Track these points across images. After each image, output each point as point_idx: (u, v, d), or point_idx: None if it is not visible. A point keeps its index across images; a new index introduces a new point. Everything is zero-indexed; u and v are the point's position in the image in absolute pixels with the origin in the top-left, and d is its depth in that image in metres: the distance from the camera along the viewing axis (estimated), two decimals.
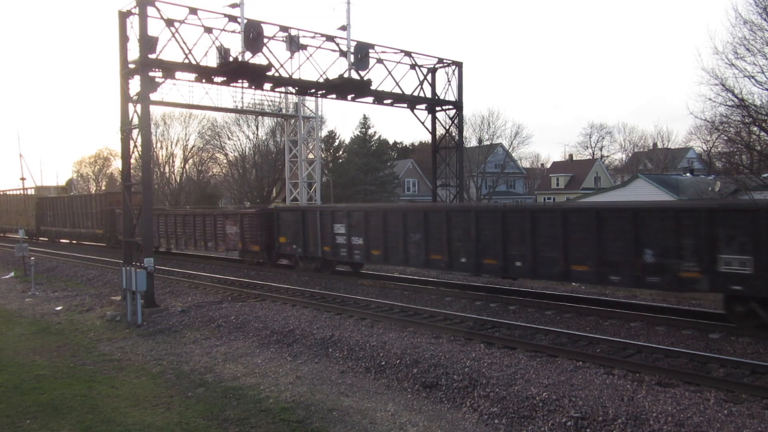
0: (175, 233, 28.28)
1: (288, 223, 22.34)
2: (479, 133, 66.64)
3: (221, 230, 25.27)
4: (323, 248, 20.76)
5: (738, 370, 9.74)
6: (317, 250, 21.07)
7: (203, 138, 67.65)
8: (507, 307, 15.41)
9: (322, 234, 20.73)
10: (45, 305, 18.98)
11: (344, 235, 19.90)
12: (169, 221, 28.70)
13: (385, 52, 22.98)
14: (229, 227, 24.84)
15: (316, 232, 20.96)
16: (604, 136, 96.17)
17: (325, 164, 60.53)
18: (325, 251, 20.73)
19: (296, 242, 21.92)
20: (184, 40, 18.13)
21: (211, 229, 25.91)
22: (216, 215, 25.87)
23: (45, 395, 10.15)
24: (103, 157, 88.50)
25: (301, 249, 21.75)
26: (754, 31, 21.80)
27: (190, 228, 27.13)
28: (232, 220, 24.65)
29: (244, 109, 35.83)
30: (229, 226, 24.80)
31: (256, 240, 23.58)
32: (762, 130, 23.80)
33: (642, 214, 13.15)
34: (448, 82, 25.23)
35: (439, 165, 27.21)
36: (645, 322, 13.20)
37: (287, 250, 22.58)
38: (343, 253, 20.11)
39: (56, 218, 40.88)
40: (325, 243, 20.65)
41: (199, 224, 26.65)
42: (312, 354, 12.13)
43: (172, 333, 14.67)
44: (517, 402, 8.87)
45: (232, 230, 24.63)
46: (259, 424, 8.73)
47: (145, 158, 17.63)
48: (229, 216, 25.14)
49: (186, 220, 27.54)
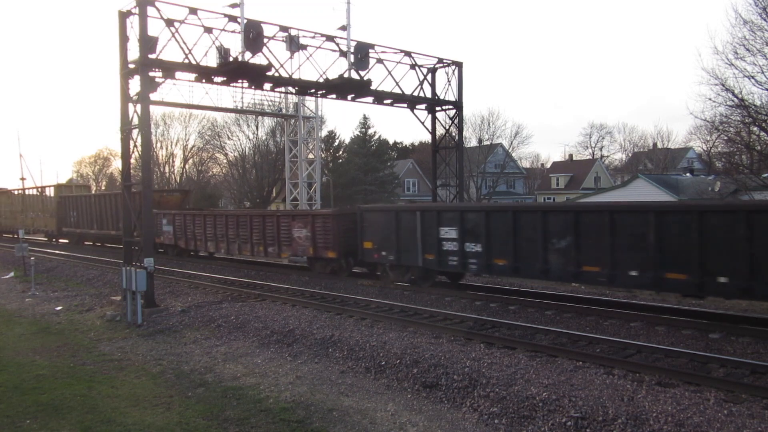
0: (226, 236, 25.14)
1: (376, 226, 19.16)
2: (479, 133, 66.73)
3: (286, 233, 22.21)
4: (424, 256, 17.53)
5: (738, 370, 9.74)
6: (415, 258, 17.83)
7: (203, 138, 67.81)
8: (507, 307, 15.41)
9: (423, 239, 17.53)
10: (45, 305, 18.98)
11: (455, 241, 16.68)
12: (218, 223, 25.69)
13: (385, 52, 22.97)
14: (296, 230, 21.78)
15: (414, 236, 17.75)
16: (604, 136, 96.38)
17: (325, 164, 60.54)
18: (427, 260, 17.50)
19: (386, 248, 18.75)
20: (184, 40, 18.13)
21: (272, 232, 22.82)
22: (280, 216, 22.95)
23: (45, 395, 10.15)
24: (103, 157, 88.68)
25: (393, 256, 18.49)
26: (754, 31, 21.87)
27: (245, 231, 24.08)
28: (301, 222, 21.59)
29: (244, 109, 35.84)
30: (297, 229, 21.74)
31: (332, 245, 20.47)
32: (762, 130, 23.85)
33: None
34: (448, 82, 25.22)
35: (439, 165, 27.20)
36: (645, 322, 13.20)
37: (373, 257, 19.33)
38: (452, 262, 16.84)
39: (81, 219, 37.02)
40: (427, 250, 17.44)
41: (257, 226, 23.52)
42: (312, 354, 12.13)
43: (172, 333, 14.67)
44: (517, 402, 8.87)
45: (301, 234, 21.56)
46: (259, 424, 8.73)
47: (145, 158, 17.63)
48: (298, 217, 22.10)
49: (240, 221, 24.46)
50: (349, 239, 20.16)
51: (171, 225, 28.54)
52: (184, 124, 67.35)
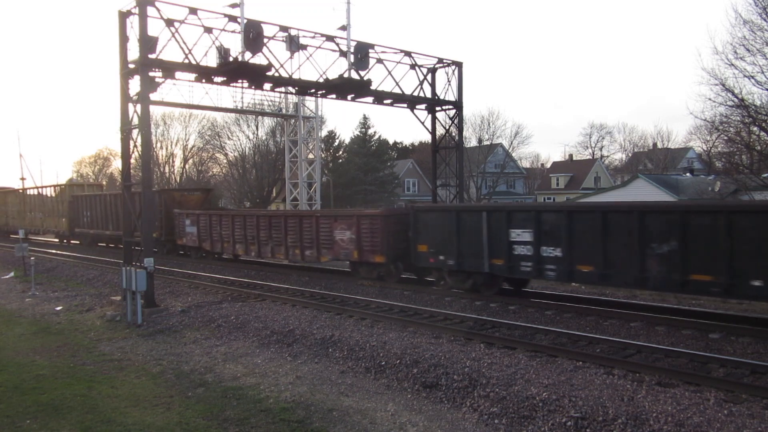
0: (257, 238, 23.52)
1: (433, 228, 17.53)
2: (479, 133, 66.76)
3: (327, 235, 20.57)
4: (491, 261, 15.97)
5: (738, 370, 9.74)
6: (480, 263, 16.22)
7: (203, 138, 67.86)
8: (507, 307, 15.41)
9: (490, 242, 15.96)
10: (45, 305, 18.98)
11: (528, 245, 15.12)
12: (248, 224, 24.00)
13: (385, 52, 22.98)
14: (339, 232, 20.13)
15: (479, 239, 16.16)
16: (604, 136, 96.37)
17: (325, 164, 60.57)
18: (495, 265, 15.93)
19: (445, 252, 17.09)
20: (184, 40, 18.13)
21: (310, 233, 21.19)
22: (319, 217, 21.16)
23: (45, 395, 10.15)
24: (103, 157, 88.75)
25: (453, 261, 16.86)
26: (753, 31, 21.86)
27: (279, 232, 22.50)
28: (345, 223, 19.91)
29: (244, 109, 35.89)
30: (340, 231, 20.08)
31: (380, 249, 18.80)
32: (762, 130, 23.84)
33: None
34: (448, 82, 25.23)
35: (439, 165, 27.20)
36: (645, 322, 13.20)
37: (429, 262, 17.69)
38: (525, 267, 15.29)
39: (94, 219, 35.00)
40: (494, 254, 15.88)
41: (293, 228, 21.93)
42: (312, 354, 12.13)
43: (172, 333, 14.67)
44: (517, 402, 8.87)
45: (345, 236, 19.89)
46: (259, 424, 8.73)
47: (145, 158, 17.63)
48: (341, 218, 20.36)
49: (274, 222, 22.91)
50: (398, 242, 18.59)
51: (195, 226, 26.90)
52: (184, 124, 67.41)
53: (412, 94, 24.28)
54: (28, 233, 45.27)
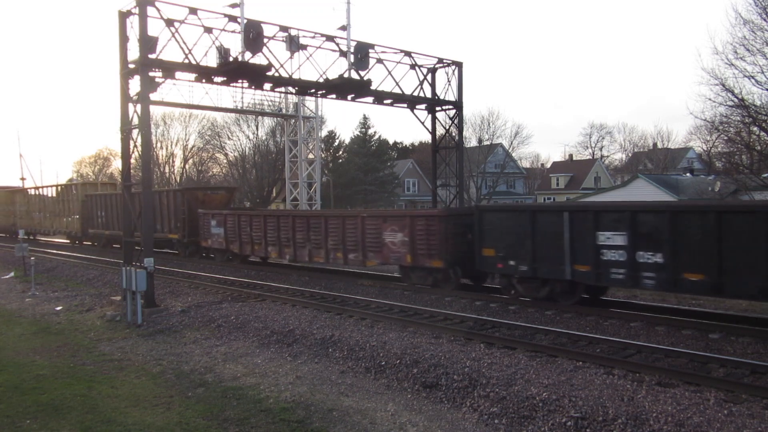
0: (292, 240, 21.95)
1: (502, 229, 15.89)
2: (479, 133, 66.82)
3: (374, 238, 18.98)
4: (573, 267, 14.37)
5: (738, 370, 9.74)
6: (560, 270, 14.63)
7: (203, 138, 67.95)
8: (507, 307, 15.41)
9: (572, 246, 14.39)
10: (45, 305, 18.98)
11: (621, 249, 13.50)
12: (282, 225, 22.49)
13: (385, 52, 22.98)
14: (389, 234, 18.46)
15: (559, 243, 14.61)
16: (604, 136, 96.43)
17: (325, 164, 60.59)
18: (579, 272, 14.32)
19: (516, 257, 15.52)
20: (184, 40, 18.14)
21: (355, 235, 19.64)
22: (366, 218, 19.49)
23: (45, 395, 10.15)
24: (103, 157, 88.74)
25: (526, 266, 15.32)
26: (754, 31, 21.88)
27: (318, 234, 20.96)
28: (396, 225, 18.27)
29: (244, 109, 35.90)
30: (390, 233, 18.41)
31: (438, 252, 17.18)
32: (762, 130, 23.87)
33: None
34: (448, 82, 25.23)
35: (439, 165, 27.20)
36: (645, 322, 13.20)
37: (496, 267, 16.08)
38: (616, 275, 13.64)
39: (110, 219, 33.36)
40: (577, 259, 14.33)
41: (334, 229, 20.38)
42: (312, 354, 12.13)
43: (172, 333, 14.67)
44: (517, 402, 8.87)
45: (396, 238, 18.26)
46: (259, 424, 8.73)
47: (145, 158, 17.64)
48: (391, 219, 18.70)
49: (312, 223, 21.32)
50: (458, 245, 17.00)
51: (221, 227, 25.22)
52: (184, 124, 67.49)
53: (412, 94, 24.28)
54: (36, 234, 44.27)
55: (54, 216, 40.87)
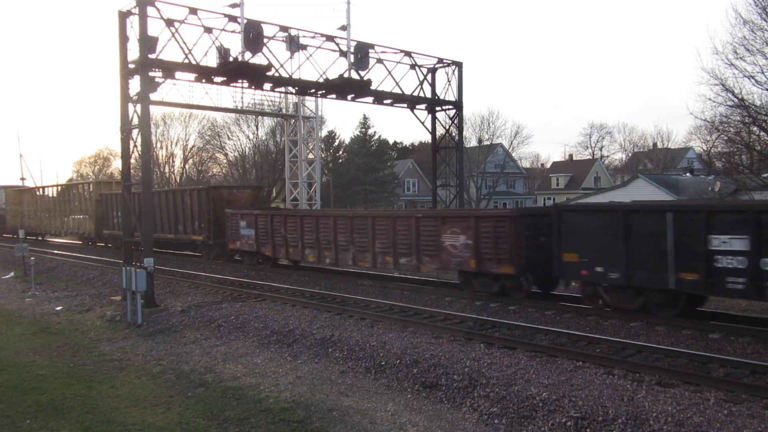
0: (334, 243, 20.38)
1: (587, 232, 14.20)
2: (479, 133, 66.90)
3: (430, 240, 17.33)
4: (678, 275, 12.67)
5: (738, 370, 9.73)
6: (662, 278, 12.93)
7: (203, 138, 67.98)
8: (507, 307, 15.40)
9: (677, 251, 12.69)
10: (45, 305, 18.98)
11: (740, 255, 11.84)
12: (322, 226, 20.90)
13: (385, 52, 22.99)
14: (448, 236, 16.79)
15: (661, 247, 12.92)
16: (604, 136, 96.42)
17: (325, 164, 60.62)
18: (685, 281, 12.61)
19: (604, 262, 13.81)
20: (184, 40, 18.15)
21: (407, 237, 17.94)
22: (420, 218, 17.85)
23: (45, 395, 10.15)
24: (103, 157, 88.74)
25: (618, 273, 13.58)
26: (753, 31, 21.88)
27: (364, 236, 19.33)
28: (458, 226, 16.60)
29: (244, 109, 35.89)
30: (451, 235, 16.75)
31: (507, 257, 15.50)
32: (762, 130, 23.87)
33: None
34: (448, 82, 25.25)
35: (439, 165, 27.22)
36: (645, 322, 13.19)
37: (580, 274, 14.35)
38: (734, 284, 11.99)
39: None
40: (684, 266, 12.63)
41: (383, 231, 18.75)
42: (312, 354, 12.13)
43: (172, 333, 14.67)
44: (517, 402, 8.87)
45: (457, 241, 16.61)
46: (259, 424, 8.73)
47: (145, 158, 17.65)
48: (451, 219, 16.98)
49: (357, 224, 19.69)
50: (531, 249, 15.47)
51: (252, 228, 23.66)
52: (184, 124, 67.52)
53: (412, 94, 24.30)
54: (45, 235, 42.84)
55: (65, 216, 39.64)
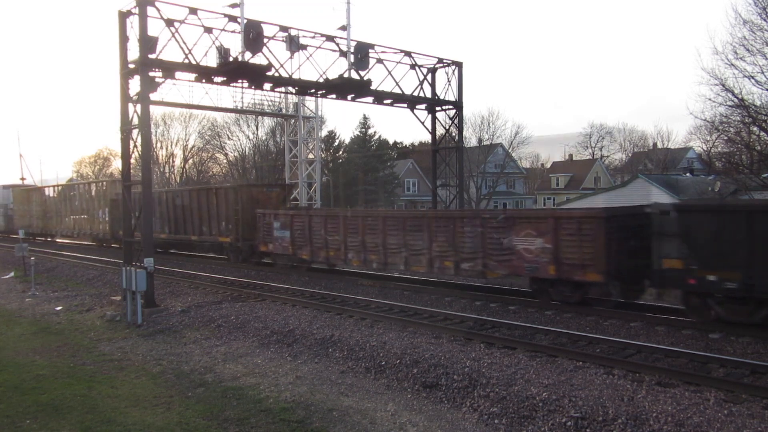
0: (383, 246, 18.57)
1: (696, 235, 12.22)
2: (479, 133, 66.85)
3: (499, 243, 15.53)
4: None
5: (738, 370, 9.74)
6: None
7: (203, 138, 68.04)
8: (507, 307, 15.40)
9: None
10: (45, 305, 18.98)
11: None
12: (368, 227, 19.15)
13: (385, 52, 23.00)
14: (522, 239, 15.01)
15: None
16: (604, 136, 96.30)
17: (325, 164, 60.57)
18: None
19: (719, 270, 11.90)
20: (184, 40, 18.15)
21: (473, 240, 16.15)
22: (487, 218, 15.97)
23: (45, 395, 10.15)
24: (103, 157, 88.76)
25: (737, 283, 11.64)
26: (753, 31, 21.91)
27: (419, 238, 17.57)
28: (533, 228, 14.81)
29: (244, 109, 35.86)
30: (525, 238, 14.97)
31: (594, 263, 13.66)
32: (762, 130, 23.90)
33: None
34: (448, 82, 25.25)
35: (439, 165, 27.22)
36: (645, 322, 13.20)
37: (687, 282, 12.41)
38: None
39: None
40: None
41: (442, 232, 16.99)
42: (312, 354, 12.13)
43: (172, 333, 14.67)
44: (517, 402, 8.87)
45: (533, 244, 14.79)
46: (259, 424, 8.73)
47: (145, 158, 17.64)
48: (525, 220, 15.20)
49: (409, 225, 17.93)
50: (622, 254, 13.73)
51: (287, 230, 21.90)
52: (184, 124, 67.60)
53: (412, 94, 24.30)
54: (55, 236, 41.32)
55: (77, 216, 37.94)
